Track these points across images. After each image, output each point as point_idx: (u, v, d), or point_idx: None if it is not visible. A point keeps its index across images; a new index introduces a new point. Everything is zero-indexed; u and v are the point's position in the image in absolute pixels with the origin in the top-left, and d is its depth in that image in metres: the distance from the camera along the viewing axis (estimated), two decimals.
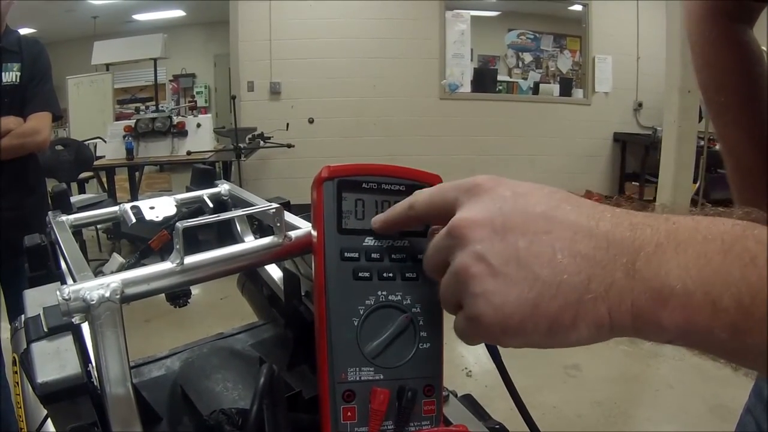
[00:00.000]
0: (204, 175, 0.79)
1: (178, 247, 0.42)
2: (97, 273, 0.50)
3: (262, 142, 4.61)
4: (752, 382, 0.74)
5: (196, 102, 7.98)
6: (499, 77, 5.76)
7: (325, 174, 0.40)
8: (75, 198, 3.67)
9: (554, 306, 0.29)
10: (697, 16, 0.66)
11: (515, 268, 0.29)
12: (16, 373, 0.52)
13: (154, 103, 6.52)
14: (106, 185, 4.42)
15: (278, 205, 0.48)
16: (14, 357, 0.49)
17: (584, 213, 0.30)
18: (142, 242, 0.67)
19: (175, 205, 0.69)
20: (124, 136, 4.38)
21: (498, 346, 0.49)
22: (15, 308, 1.60)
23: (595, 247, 0.28)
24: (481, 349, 0.42)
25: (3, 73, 1.63)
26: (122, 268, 0.61)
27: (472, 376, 2.47)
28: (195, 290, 0.59)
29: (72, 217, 0.67)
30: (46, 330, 0.41)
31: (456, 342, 0.35)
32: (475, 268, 0.30)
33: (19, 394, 0.52)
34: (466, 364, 2.51)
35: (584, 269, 0.28)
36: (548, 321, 0.29)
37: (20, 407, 0.52)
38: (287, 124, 4.73)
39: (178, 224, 0.42)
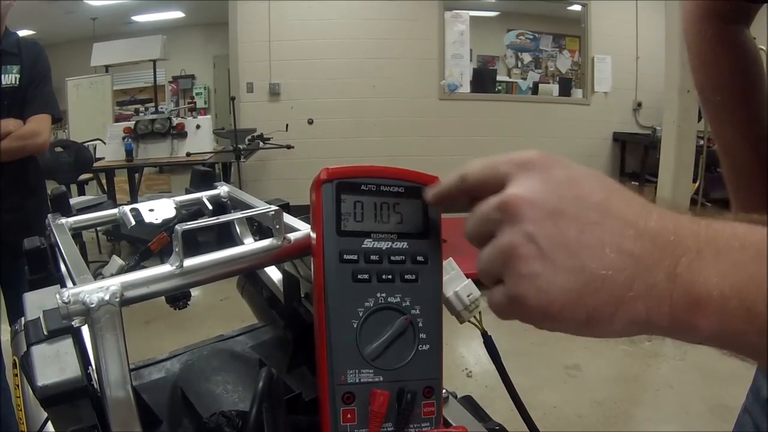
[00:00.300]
0: (203, 177, 0.79)
1: (177, 249, 0.42)
2: (97, 276, 0.50)
3: (261, 144, 4.61)
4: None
5: (195, 103, 7.96)
6: (499, 77, 5.75)
7: (324, 176, 0.40)
8: (74, 200, 3.67)
9: (597, 299, 0.29)
10: (694, 16, 0.66)
11: (564, 255, 0.30)
12: (16, 375, 0.52)
13: (153, 104, 6.54)
14: (105, 187, 4.42)
15: (277, 208, 0.48)
16: (14, 360, 0.49)
17: (634, 209, 0.31)
18: (141, 244, 0.67)
19: (175, 207, 0.69)
20: (124, 138, 4.39)
21: (497, 347, 0.49)
22: (15, 311, 1.60)
23: (641, 247, 0.29)
24: (481, 350, 0.42)
25: (2, 76, 1.63)
26: (122, 271, 0.61)
27: (472, 376, 2.47)
28: (195, 292, 0.59)
29: (72, 219, 0.67)
30: (46, 333, 0.41)
31: (456, 342, 0.35)
32: (524, 249, 0.31)
33: (19, 397, 0.52)
34: (466, 364, 2.51)
35: (629, 267, 0.29)
36: (588, 313, 0.30)
37: (21, 410, 0.52)
38: (287, 125, 4.73)
39: (178, 227, 0.42)
